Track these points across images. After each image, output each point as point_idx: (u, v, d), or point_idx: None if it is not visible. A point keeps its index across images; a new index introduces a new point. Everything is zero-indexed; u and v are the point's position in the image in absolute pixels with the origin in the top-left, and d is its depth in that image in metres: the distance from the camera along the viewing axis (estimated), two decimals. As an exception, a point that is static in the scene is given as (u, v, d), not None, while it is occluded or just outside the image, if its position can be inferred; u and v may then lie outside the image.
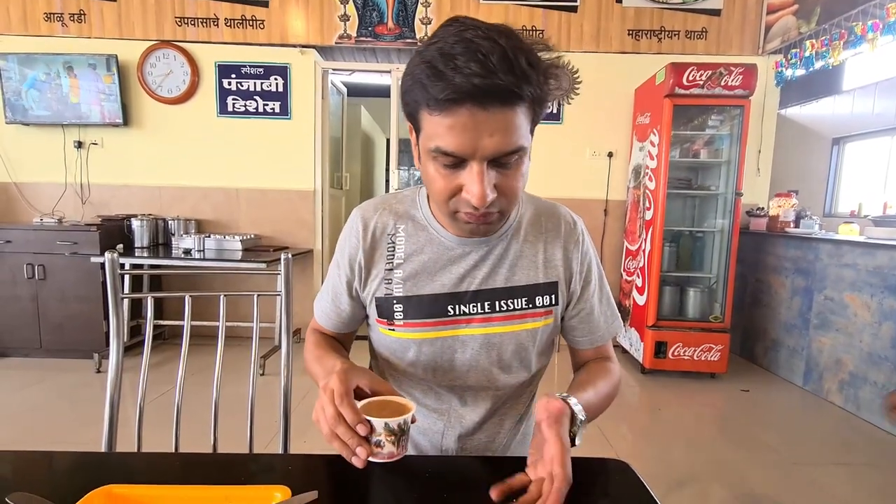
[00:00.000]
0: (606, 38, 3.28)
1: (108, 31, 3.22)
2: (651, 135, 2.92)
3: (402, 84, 0.58)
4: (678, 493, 1.77)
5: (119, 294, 0.92)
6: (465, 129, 0.53)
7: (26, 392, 2.48)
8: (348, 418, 0.52)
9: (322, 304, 0.80)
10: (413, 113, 0.58)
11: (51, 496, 0.48)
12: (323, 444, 0.54)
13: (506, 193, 0.59)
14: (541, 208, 0.77)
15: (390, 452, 0.53)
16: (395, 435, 0.53)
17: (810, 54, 2.83)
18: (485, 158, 0.55)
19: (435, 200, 0.64)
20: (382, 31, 3.24)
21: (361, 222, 0.74)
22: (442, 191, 0.59)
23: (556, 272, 0.74)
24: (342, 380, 0.55)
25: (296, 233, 3.45)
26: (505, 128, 0.54)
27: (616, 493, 0.59)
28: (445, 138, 0.54)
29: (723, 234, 2.95)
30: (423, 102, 0.55)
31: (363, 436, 0.52)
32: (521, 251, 0.73)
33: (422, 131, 0.58)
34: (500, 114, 0.53)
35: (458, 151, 0.55)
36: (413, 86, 0.55)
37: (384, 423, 0.52)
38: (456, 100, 0.52)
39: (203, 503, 0.51)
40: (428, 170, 0.60)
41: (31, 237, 2.83)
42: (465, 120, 0.53)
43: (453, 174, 0.58)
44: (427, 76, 0.52)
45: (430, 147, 0.56)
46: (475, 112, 0.52)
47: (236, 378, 1.26)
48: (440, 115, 0.54)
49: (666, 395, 2.70)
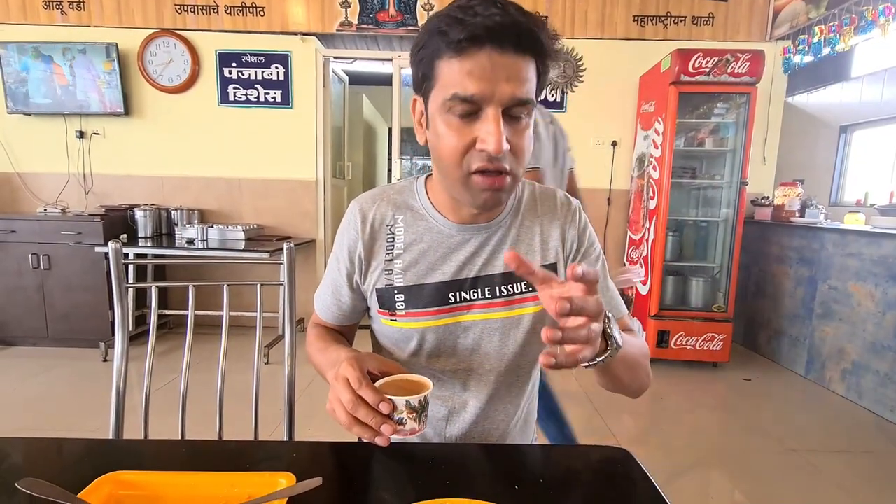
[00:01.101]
0: (611, 25, 3.23)
1: (107, 18, 3.20)
2: (656, 123, 2.89)
3: (415, 43, 0.60)
4: (680, 480, 1.78)
5: (123, 284, 0.92)
6: (484, 73, 0.55)
7: (34, 380, 2.52)
8: (370, 399, 0.52)
9: (322, 298, 0.80)
10: (427, 68, 0.59)
11: (60, 482, 0.49)
12: (327, 433, 0.55)
13: (516, 152, 0.60)
14: (536, 192, 0.78)
15: (412, 429, 0.54)
16: (417, 412, 0.54)
17: (819, 40, 2.78)
18: (501, 104, 0.56)
19: (446, 163, 0.62)
20: (384, 18, 3.20)
21: (360, 214, 0.74)
22: (454, 148, 0.59)
23: (554, 253, 0.74)
24: (354, 366, 0.55)
25: (298, 223, 3.45)
26: (518, 73, 0.56)
27: (618, 480, 0.59)
28: (464, 83, 0.56)
29: (727, 223, 2.94)
30: (442, 48, 0.56)
31: (385, 414, 0.53)
32: (518, 235, 0.74)
33: (436, 85, 0.59)
34: (515, 59, 0.56)
35: (478, 95, 0.56)
36: (430, 37, 0.57)
37: (405, 400, 0.53)
38: (476, 38, 0.54)
39: (209, 489, 0.52)
40: (439, 129, 0.60)
41: (36, 227, 2.84)
42: (485, 62, 0.55)
43: (467, 127, 0.58)
44: (446, 23, 0.55)
45: (447, 96, 0.57)
46: (493, 56, 0.55)
47: (240, 367, 1.28)
48: (459, 59, 0.56)
49: (668, 384, 2.71)
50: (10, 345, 2.98)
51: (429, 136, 0.64)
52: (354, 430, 0.53)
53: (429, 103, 0.62)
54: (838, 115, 3.03)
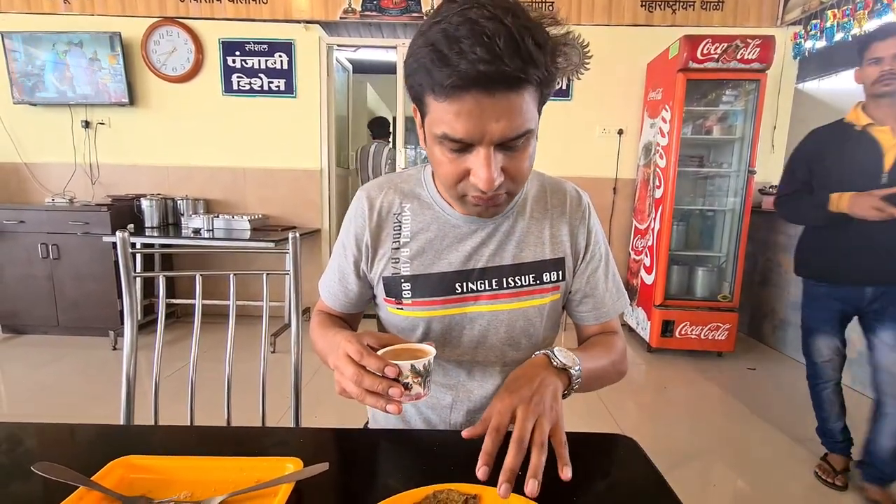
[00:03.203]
0: (619, 10, 3.17)
1: (110, 7, 3.18)
2: (663, 111, 2.85)
3: (405, 66, 0.57)
4: (683, 468, 1.80)
5: (131, 273, 0.93)
6: (472, 116, 0.53)
7: (47, 368, 2.56)
8: (374, 367, 0.52)
9: (329, 285, 0.81)
10: (418, 96, 0.58)
11: (73, 466, 0.50)
12: (333, 420, 0.55)
13: (513, 176, 0.59)
14: (546, 184, 0.77)
15: (417, 393, 0.54)
16: (421, 376, 0.54)
17: (832, 25, 2.72)
18: (492, 143, 0.55)
19: (442, 183, 0.64)
20: (388, 5, 3.16)
21: (367, 202, 0.74)
22: (449, 175, 0.59)
23: (562, 248, 0.74)
24: (353, 340, 0.55)
25: (302, 212, 3.46)
26: (511, 112, 0.53)
27: (622, 467, 0.60)
28: (452, 124, 0.54)
29: (734, 212, 2.91)
30: (428, 88, 0.54)
31: (392, 379, 0.52)
32: (527, 228, 0.73)
33: (427, 115, 0.58)
34: (506, 99, 0.52)
35: (465, 138, 0.54)
36: (417, 70, 0.54)
37: (410, 364, 0.53)
38: (461, 87, 0.51)
39: (218, 473, 0.53)
40: (435, 153, 0.60)
41: (44, 217, 2.87)
42: (471, 106, 0.52)
43: (460, 158, 0.58)
44: (431, 61, 0.51)
45: (437, 133, 0.56)
46: (481, 99, 0.52)
47: (248, 355, 1.29)
48: (446, 101, 0.53)
49: (672, 373, 2.71)
50: (22, 333, 3.03)
51: (426, 148, 0.63)
52: (367, 401, 0.53)
53: (425, 123, 0.60)
54: (850, 102, 2.97)
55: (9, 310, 2.95)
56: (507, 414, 0.53)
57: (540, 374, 0.58)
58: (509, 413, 0.53)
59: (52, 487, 0.48)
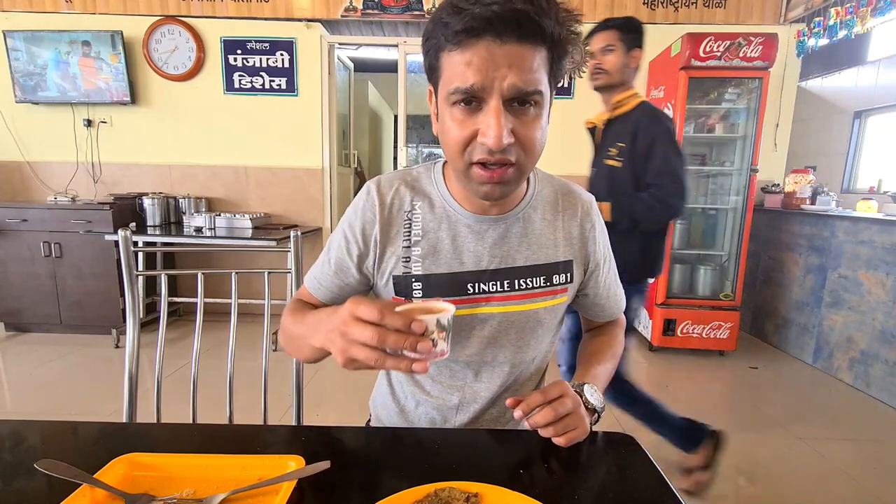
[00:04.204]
0: (621, 8, 3.16)
1: (112, 6, 3.18)
2: (665, 109, 2.84)
3: (424, 33, 0.59)
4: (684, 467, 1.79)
5: (133, 271, 0.93)
6: (482, 64, 0.54)
7: (49, 366, 2.57)
8: (399, 324, 0.48)
9: (320, 277, 0.76)
10: (434, 59, 0.59)
11: (76, 463, 0.51)
12: (335, 418, 0.55)
13: (523, 143, 0.57)
14: (557, 187, 0.77)
15: (442, 350, 0.51)
16: (447, 331, 0.51)
17: (835, 22, 2.71)
18: (502, 95, 0.54)
19: (450, 154, 0.61)
20: (389, 3, 3.15)
21: (378, 196, 0.71)
22: (457, 140, 0.58)
23: (572, 251, 0.74)
24: (364, 302, 0.50)
25: (304, 211, 3.46)
26: (522, 63, 0.54)
27: (623, 466, 0.60)
28: (463, 74, 0.54)
29: (736, 211, 2.90)
30: (444, 40, 0.55)
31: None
32: (540, 230, 0.73)
33: (441, 77, 0.58)
34: (517, 48, 0.53)
35: (477, 85, 0.54)
36: (434, 28, 0.56)
37: (436, 318, 0.50)
38: (474, 30, 0.52)
39: (221, 471, 0.53)
40: (445, 121, 0.59)
41: (47, 216, 2.87)
42: (483, 53, 0.53)
43: (470, 119, 0.57)
44: (448, 13, 0.54)
45: (450, 89, 0.56)
46: (492, 46, 0.53)
47: (249, 353, 1.29)
48: (458, 50, 0.54)
49: (674, 371, 2.71)
50: (25, 331, 3.04)
51: (439, 128, 0.63)
52: (388, 364, 0.49)
53: (437, 94, 0.61)
54: (853, 100, 2.97)
55: (12, 308, 2.96)
56: (558, 394, 0.62)
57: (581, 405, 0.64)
58: (560, 395, 0.62)
59: (55, 485, 0.48)
